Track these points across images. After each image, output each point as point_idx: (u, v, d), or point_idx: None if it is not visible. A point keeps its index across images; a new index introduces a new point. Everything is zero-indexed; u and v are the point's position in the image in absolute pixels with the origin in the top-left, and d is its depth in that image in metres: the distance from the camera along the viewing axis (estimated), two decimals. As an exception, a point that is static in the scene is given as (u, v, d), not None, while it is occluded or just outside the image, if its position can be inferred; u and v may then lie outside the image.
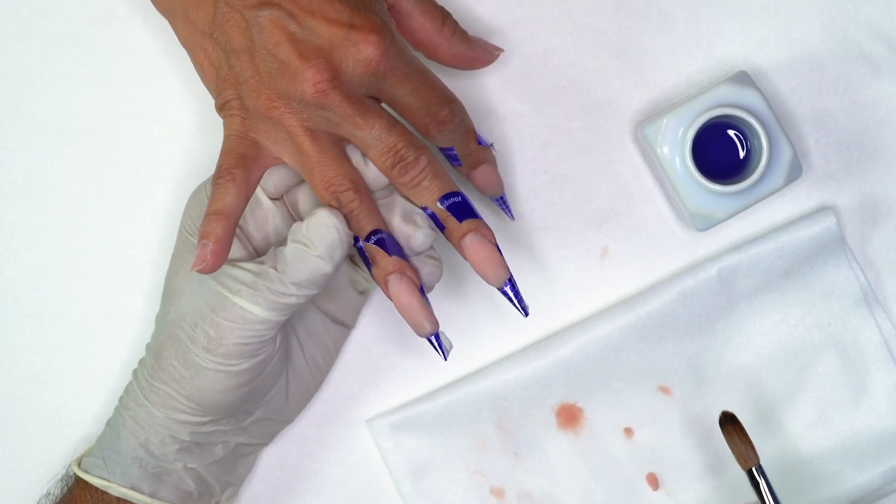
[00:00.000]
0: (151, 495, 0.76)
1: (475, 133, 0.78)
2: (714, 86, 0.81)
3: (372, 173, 0.74)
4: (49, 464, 0.84)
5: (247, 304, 0.72)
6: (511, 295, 0.75)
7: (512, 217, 0.83)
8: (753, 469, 0.75)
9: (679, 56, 0.85)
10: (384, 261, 0.73)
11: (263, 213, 0.77)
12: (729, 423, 0.77)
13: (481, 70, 0.83)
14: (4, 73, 0.85)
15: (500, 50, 0.82)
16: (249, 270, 0.73)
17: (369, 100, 0.73)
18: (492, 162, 0.80)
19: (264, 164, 0.74)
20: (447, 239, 0.74)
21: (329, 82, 0.71)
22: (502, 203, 0.82)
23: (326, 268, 0.72)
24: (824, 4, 0.85)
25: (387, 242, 0.73)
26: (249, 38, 0.72)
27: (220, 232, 0.72)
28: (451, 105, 0.75)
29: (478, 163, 0.79)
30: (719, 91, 0.81)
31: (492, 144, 0.81)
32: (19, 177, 0.85)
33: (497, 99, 0.85)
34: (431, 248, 0.76)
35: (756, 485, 0.75)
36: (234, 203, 0.73)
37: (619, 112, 0.85)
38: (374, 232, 0.73)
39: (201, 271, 0.71)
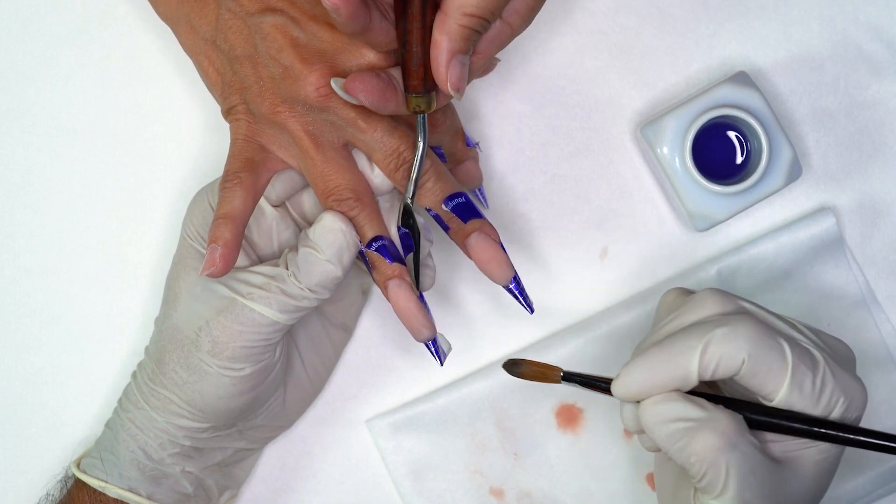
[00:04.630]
0: (149, 497, 0.76)
1: (463, 133, 0.79)
2: (714, 86, 0.81)
3: (377, 179, 0.74)
4: (49, 464, 0.84)
5: (259, 307, 0.72)
6: (516, 292, 0.75)
7: (487, 205, 0.83)
8: (562, 377, 0.72)
9: (679, 56, 0.85)
10: (384, 266, 0.74)
11: (266, 221, 0.77)
12: (515, 367, 0.74)
13: (481, 72, 0.84)
14: (4, 73, 0.85)
15: (497, 59, 0.82)
16: (261, 274, 0.73)
17: None
18: (475, 158, 0.81)
19: (271, 167, 0.75)
20: (452, 239, 0.75)
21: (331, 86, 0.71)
22: (479, 193, 0.83)
23: (336, 272, 0.73)
24: (824, 4, 0.85)
25: (388, 249, 0.74)
26: (252, 45, 0.72)
27: (229, 235, 0.72)
28: (444, 108, 0.76)
29: (462, 160, 0.80)
30: (719, 91, 0.81)
31: (477, 144, 0.81)
32: (19, 177, 0.85)
33: (496, 99, 0.85)
34: (429, 255, 0.76)
35: (576, 382, 0.72)
36: (241, 206, 0.73)
37: (619, 112, 0.85)
38: (376, 238, 0.74)
39: (211, 275, 0.71)
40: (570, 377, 0.72)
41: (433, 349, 0.75)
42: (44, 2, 0.85)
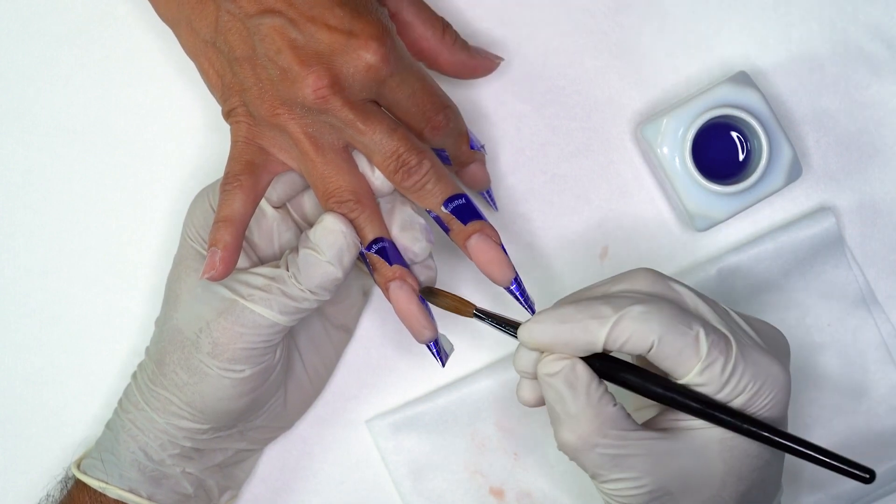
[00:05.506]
0: (149, 498, 0.76)
1: (468, 136, 0.79)
2: (714, 86, 0.81)
3: (378, 180, 0.74)
4: (49, 465, 0.84)
5: (259, 309, 0.72)
6: (517, 293, 0.75)
7: (496, 208, 0.83)
8: (475, 313, 0.73)
9: (679, 56, 0.85)
10: (385, 268, 0.74)
11: (267, 222, 0.77)
12: (432, 295, 0.74)
13: (481, 74, 0.84)
14: (4, 73, 0.85)
15: (500, 58, 0.83)
16: (262, 275, 0.73)
17: (371, 104, 0.73)
18: (481, 161, 0.80)
19: (272, 170, 0.75)
20: (452, 240, 0.75)
21: (329, 88, 0.71)
22: (488, 195, 0.82)
23: (337, 273, 0.73)
24: (824, 4, 0.85)
25: (388, 251, 0.74)
26: (251, 47, 0.72)
27: (229, 239, 0.72)
28: (446, 111, 0.75)
29: (467, 163, 0.79)
30: (719, 91, 0.81)
31: (482, 146, 0.81)
32: (19, 177, 0.85)
33: (497, 99, 0.85)
34: (430, 256, 0.76)
35: (486, 320, 0.73)
36: (241, 209, 0.73)
37: (619, 112, 0.85)
38: (376, 240, 0.74)
39: (211, 279, 0.72)
40: (482, 315, 0.73)
41: (434, 350, 0.75)
42: (44, 2, 0.85)
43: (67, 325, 0.85)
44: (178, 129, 0.85)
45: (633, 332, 0.67)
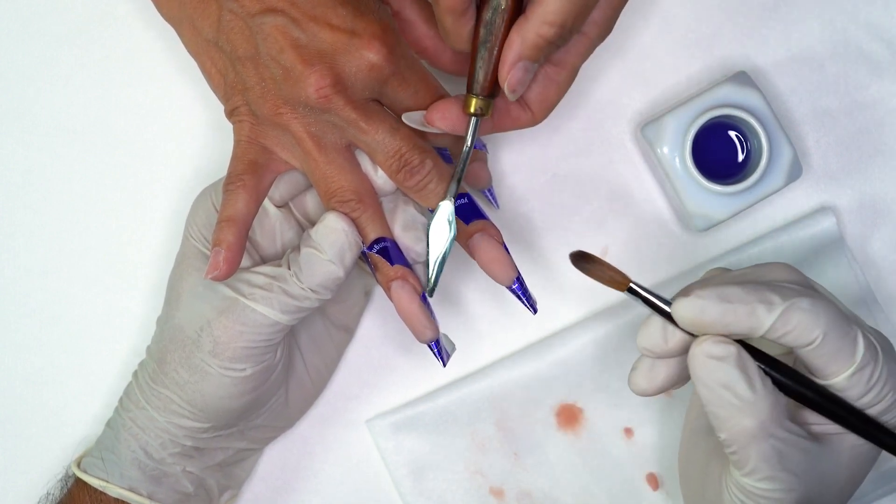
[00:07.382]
0: (149, 497, 0.76)
1: None
2: (714, 86, 0.81)
3: (380, 180, 0.74)
4: (49, 464, 0.84)
5: (260, 307, 0.72)
6: (519, 293, 0.75)
7: (497, 206, 0.83)
8: (631, 286, 0.69)
9: (679, 56, 0.85)
10: (387, 268, 0.74)
11: (270, 222, 0.77)
12: (584, 261, 0.70)
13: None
14: (4, 73, 0.85)
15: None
16: (263, 274, 0.73)
17: (373, 103, 0.73)
18: (482, 160, 0.80)
19: (275, 169, 0.75)
20: (455, 240, 0.75)
21: (332, 87, 0.71)
22: (489, 194, 0.82)
23: (338, 272, 0.73)
24: (824, 4, 0.85)
25: (390, 251, 0.74)
26: (253, 46, 0.72)
27: (232, 238, 0.72)
28: None
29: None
30: (719, 91, 0.81)
31: (484, 145, 0.81)
32: (19, 177, 0.85)
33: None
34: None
35: (640, 297, 0.69)
36: (244, 209, 0.73)
37: (619, 112, 0.85)
38: (378, 240, 0.74)
39: (214, 279, 0.72)
40: (635, 292, 0.69)
41: (436, 350, 0.75)
42: (44, 2, 0.85)
43: (67, 325, 0.85)
44: (178, 129, 0.85)
45: (798, 324, 0.66)
